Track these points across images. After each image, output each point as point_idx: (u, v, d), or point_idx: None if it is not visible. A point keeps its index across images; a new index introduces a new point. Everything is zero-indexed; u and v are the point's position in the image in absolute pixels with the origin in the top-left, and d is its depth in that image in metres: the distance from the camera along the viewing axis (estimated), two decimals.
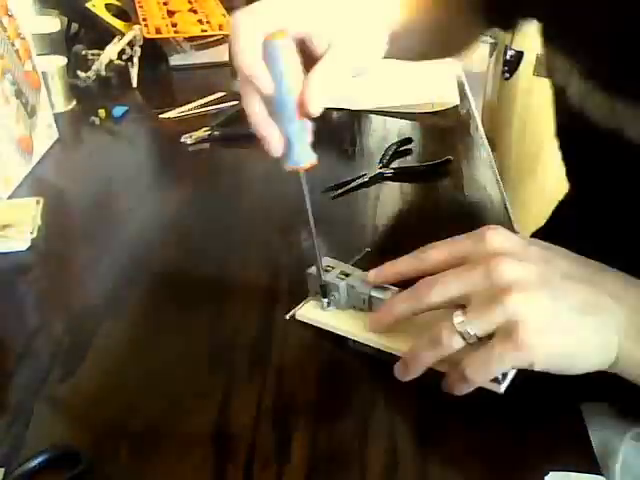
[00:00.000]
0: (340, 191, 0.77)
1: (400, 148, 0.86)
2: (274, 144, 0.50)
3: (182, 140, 0.88)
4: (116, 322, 0.59)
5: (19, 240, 0.68)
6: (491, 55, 1.78)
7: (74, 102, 1.00)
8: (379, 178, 0.80)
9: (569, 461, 0.47)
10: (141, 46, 1.06)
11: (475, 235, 0.46)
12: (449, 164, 0.83)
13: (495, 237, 0.45)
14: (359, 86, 1.05)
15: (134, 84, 1.06)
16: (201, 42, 1.11)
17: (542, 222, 0.84)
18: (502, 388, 0.47)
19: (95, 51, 1.05)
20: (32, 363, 0.55)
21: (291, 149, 0.50)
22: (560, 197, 0.79)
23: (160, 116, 0.95)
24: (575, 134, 0.57)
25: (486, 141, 0.93)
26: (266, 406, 0.51)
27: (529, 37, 1.56)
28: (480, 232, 0.45)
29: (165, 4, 1.14)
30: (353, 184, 0.78)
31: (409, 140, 0.88)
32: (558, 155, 0.72)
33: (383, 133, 0.94)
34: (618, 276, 0.46)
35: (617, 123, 0.50)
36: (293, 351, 0.56)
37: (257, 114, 0.49)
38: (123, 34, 1.06)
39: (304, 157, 0.51)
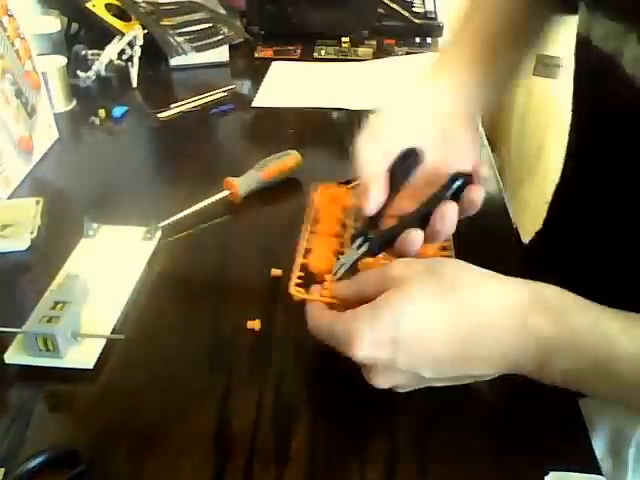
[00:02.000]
0: None
1: None
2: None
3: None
4: (116, 322, 0.59)
5: (19, 240, 0.68)
6: None
7: (74, 102, 1.00)
8: None
9: (569, 461, 0.47)
10: (141, 46, 1.06)
11: (344, 341, 0.45)
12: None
13: (361, 350, 0.44)
14: (359, 86, 1.06)
15: (134, 84, 1.06)
16: (201, 43, 1.11)
17: (541, 222, 0.84)
18: None
19: (95, 51, 1.05)
20: None
21: None
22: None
23: (158, 115, 0.96)
24: (618, 100, 0.56)
25: (486, 141, 0.93)
26: (266, 406, 0.51)
27: None
28: (348, 339, 0.45)
29: None
30: (353, 184, 0.78)
31: None
32: (558, 155, 0.72)
33: None
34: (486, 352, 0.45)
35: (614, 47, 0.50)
36: (293, 351, 0.56)
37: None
38: (123, 34, 1.06)
39: None
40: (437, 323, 0.44)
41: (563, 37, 0.69)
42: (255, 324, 0.57)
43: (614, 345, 0.42)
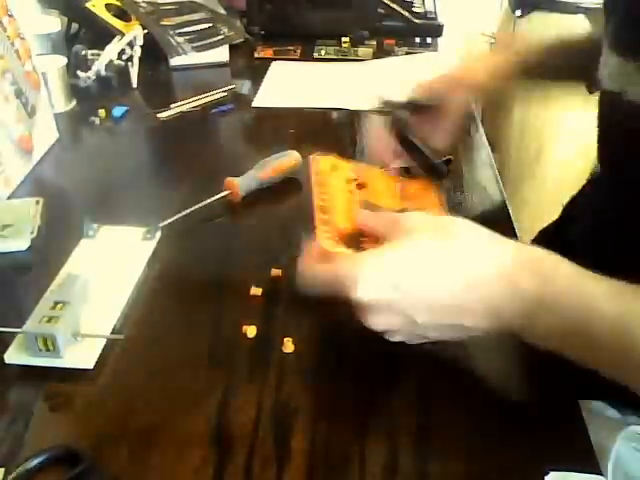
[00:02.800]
0: None
1: None
2: None
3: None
4: (116, 322, 0.59)
5: (19, 240, 0.68)
6: None
7: (74, 102, 1.00)
8: None
9: (569, 461, 0.47)
10: (141, 46, 1.06)
11: (348, 281, 0.47)
12: (449, 164, 0.83)
13: (363, 289, 0.46)
14: (359, 86, 1.06)
15: (134, 84, 1.06)
16: (201, 43, 1.12)
17: (542, 222, 0.84)
18: None
19: (95, 51, 1.05)
20: None
21: None
22: (559, 196, 0.80)
23: (158, 115, 0.96)
24: (606, 109, 0.59)
25: (486, 141, 0.93)
26: (266, 406, 0.51)
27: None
28: (352, 279, 0.46)
29: None
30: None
31: None
32: (558, 155, 0.73)
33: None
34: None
35: (621, 85, 0.52)
36: (293, 351, 0.56)
37: None
38: (123, 34, 1.06)
39: None
40: (436, 273, 0.47)
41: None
42: (250, 330, 0.57)
43: (596, 309, 0.44)
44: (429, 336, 0.49)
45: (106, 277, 0.62)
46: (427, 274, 0.47)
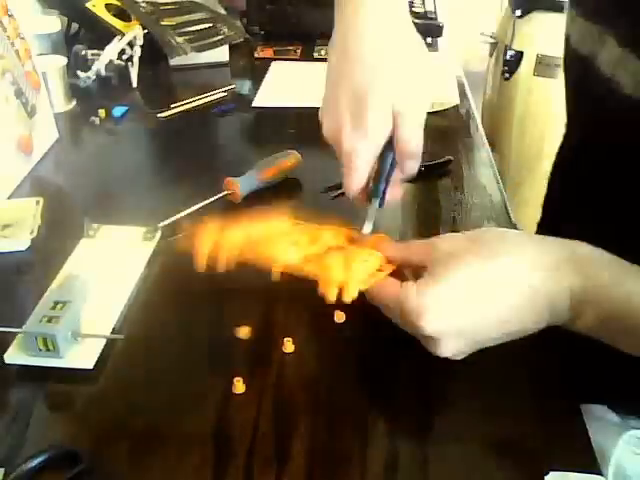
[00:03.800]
0: (340, 191, 0.76)
1: None
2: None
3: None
4: (116, 322, 0.59)
5: (19, 240, 0.68)
6: (491, 55, 1.78)
7: (74, 102, 1.00)
8: None
9: (569, 461, 0.47)
10: (141, 46, 1.06)
11: (412, 311, 0.48)
12: (449, 164, 0.83)
13: (430, 323, 0.48)
14: None
15: (134, 84, 1.06)
16: (201, 43, 1.12)
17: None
18: None
19: (95, 51, 1.05)
20: None
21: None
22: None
23: (158, 115, 0.96)
24: (600, 102, 0.58)
25: (486, 141, 0.93)
26: (266, 406, 0.51)
27: (529, 37, 1.56)
28: (415, 313, 0.48)
29: None
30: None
31: None
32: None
33: None
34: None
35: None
36: (293, 351, 0.56)
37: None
38: (123, 34, 1.06)
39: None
40: (493, 292, 0.48)
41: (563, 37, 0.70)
42: (250, 330, 0.57)
43: (631, 302, 0.46)
44: (490, 345, 0.51)
45: (106, 277, 0.62)
46: (485, 295, 0.48)
